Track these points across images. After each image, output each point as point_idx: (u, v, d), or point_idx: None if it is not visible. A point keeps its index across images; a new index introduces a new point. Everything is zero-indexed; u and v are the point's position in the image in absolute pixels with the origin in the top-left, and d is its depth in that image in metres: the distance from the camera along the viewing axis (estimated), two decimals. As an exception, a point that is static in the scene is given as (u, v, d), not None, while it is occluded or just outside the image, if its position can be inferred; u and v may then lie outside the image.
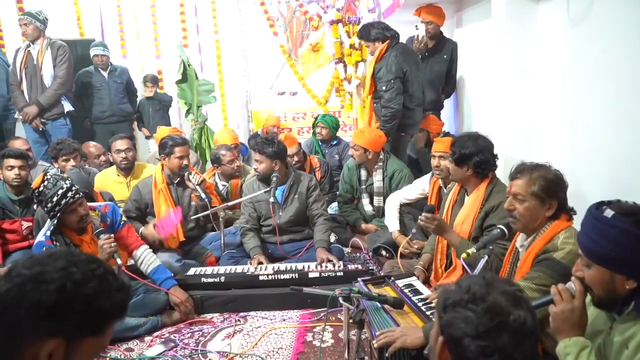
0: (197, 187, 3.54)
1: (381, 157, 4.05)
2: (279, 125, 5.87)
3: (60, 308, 0.98)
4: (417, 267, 2.86)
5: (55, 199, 2.58)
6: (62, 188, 2.60)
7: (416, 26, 4.70)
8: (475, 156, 2.58)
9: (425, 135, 4.51)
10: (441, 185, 3.33)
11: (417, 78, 4.19)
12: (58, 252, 1.07)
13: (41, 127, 4.89)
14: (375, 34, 4.17)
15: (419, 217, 2.61)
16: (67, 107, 5.07)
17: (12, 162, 3.46)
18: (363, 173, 4.14)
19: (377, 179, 4.04)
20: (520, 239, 2.10)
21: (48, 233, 2.67)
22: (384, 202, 3.95)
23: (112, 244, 2.71)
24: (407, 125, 4.26)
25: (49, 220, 2.76)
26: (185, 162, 3.57)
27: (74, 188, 2.65)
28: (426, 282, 2.76)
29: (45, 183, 2.61)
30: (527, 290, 1.83)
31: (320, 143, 5.29)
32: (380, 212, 4.07)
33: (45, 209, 2.63)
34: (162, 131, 4.77)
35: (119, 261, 2.73)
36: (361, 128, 4.08)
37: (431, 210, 2.63)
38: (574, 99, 2.89)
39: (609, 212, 1.34)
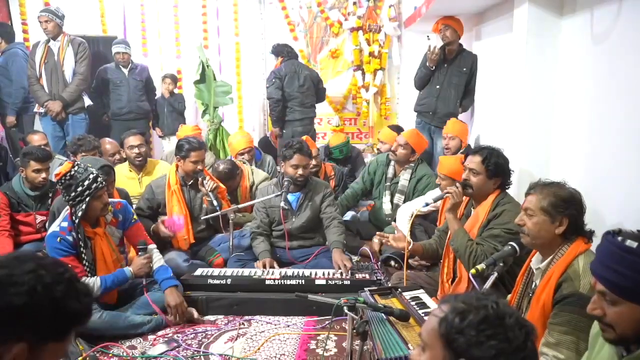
0: (210, 194, 3.53)
1: (414, 160, 4.11)
2: None
3: (30, 311, 0.95)
4: (408, 241, 2.90)
5: (86, 182, 2.64)
6: (92, 173, 2.69)
7: (427, 36, 4.65)
8: (506, 169, 2.66)
9: (457, 143, 4.42)
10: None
11: (294, 84, 5.26)
12: (24, 255, 1.05)
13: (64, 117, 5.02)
14: (278, 50, 5.39)
15: (451, 187, 2.73)
16: (87, 101, 5.18)
17: (39, 165, 3.51)
18: (390, 170, 4.17)
19: (405, 177, 4.08)
20: (535, 260, 2.04)
21: (64, 224, 2.71)
22: (404, 202, 3.94)
23: (150, 266, 2.91)
24: (285, 121, 5.34)
25: (64, 211, 2.80)
26: (199, 166, 3.56)
27: (100, 176, 2.74)
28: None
29: (76, 168, 2.68)
30: (563, 335, 1.73)
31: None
32: (396, 212, 4.03)
33: (74, 193, 2.64)
34: (184, 130, 4.82)
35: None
36: (413, 130, 4.34)
37: (465, 186, 2.70)
38: (595, 118, 2.83)
39: (631, 243, 1.23)
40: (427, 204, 3.00)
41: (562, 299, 1.78)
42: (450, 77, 4.73)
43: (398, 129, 4.94)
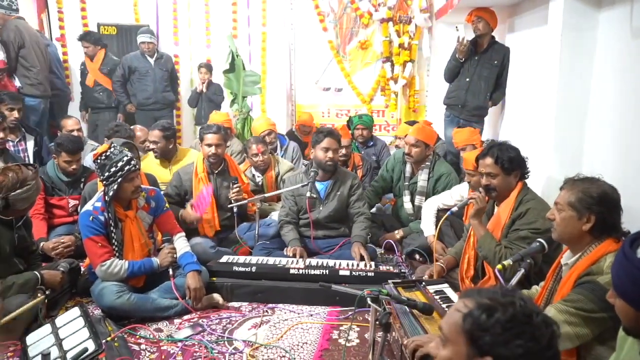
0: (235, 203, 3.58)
1: (429, 156, 3.94)
2: (312, 123, 5.85)
3: None
4: (438, 264, 2.85)
5: (120, 164, 2.74)
6: (127, 155, 2.78)
7: (456, 27, 4.55)
8: (520, 159, 2.62)
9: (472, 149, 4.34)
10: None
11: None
12: None
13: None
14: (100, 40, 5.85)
15: (475, 192, 2.73)
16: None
17: (70, 157, 3.62)
18: (407, 169, 4.01)
19: (423, 177, 3.91)
20: (566, 256, 2.02)
21: (97, 204, 2.81)
22: (425, 201, 3.89)
23: (174, 255, 2.96)
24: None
25: (99, 192, 2.90)
26: (214, 150, 3.60)
27: (134, 159, 2.82)
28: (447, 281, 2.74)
29: (112, 149, 2.79)
30: (565, 315, 1.76)
31: (357, 145, 5.26)
32: (419, 213, 3.99)
33: (107, 173, 2.74)
34: (214, 117, 4.88)
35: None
36: (418, 124, 4.04)
37: (488, 190, 2.68)
38: (632, 114, 2.75)
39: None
40: (452, 212, 2.96)
41: (579, 285, 1.81)
42: (480, 70, 4.64)
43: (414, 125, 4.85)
